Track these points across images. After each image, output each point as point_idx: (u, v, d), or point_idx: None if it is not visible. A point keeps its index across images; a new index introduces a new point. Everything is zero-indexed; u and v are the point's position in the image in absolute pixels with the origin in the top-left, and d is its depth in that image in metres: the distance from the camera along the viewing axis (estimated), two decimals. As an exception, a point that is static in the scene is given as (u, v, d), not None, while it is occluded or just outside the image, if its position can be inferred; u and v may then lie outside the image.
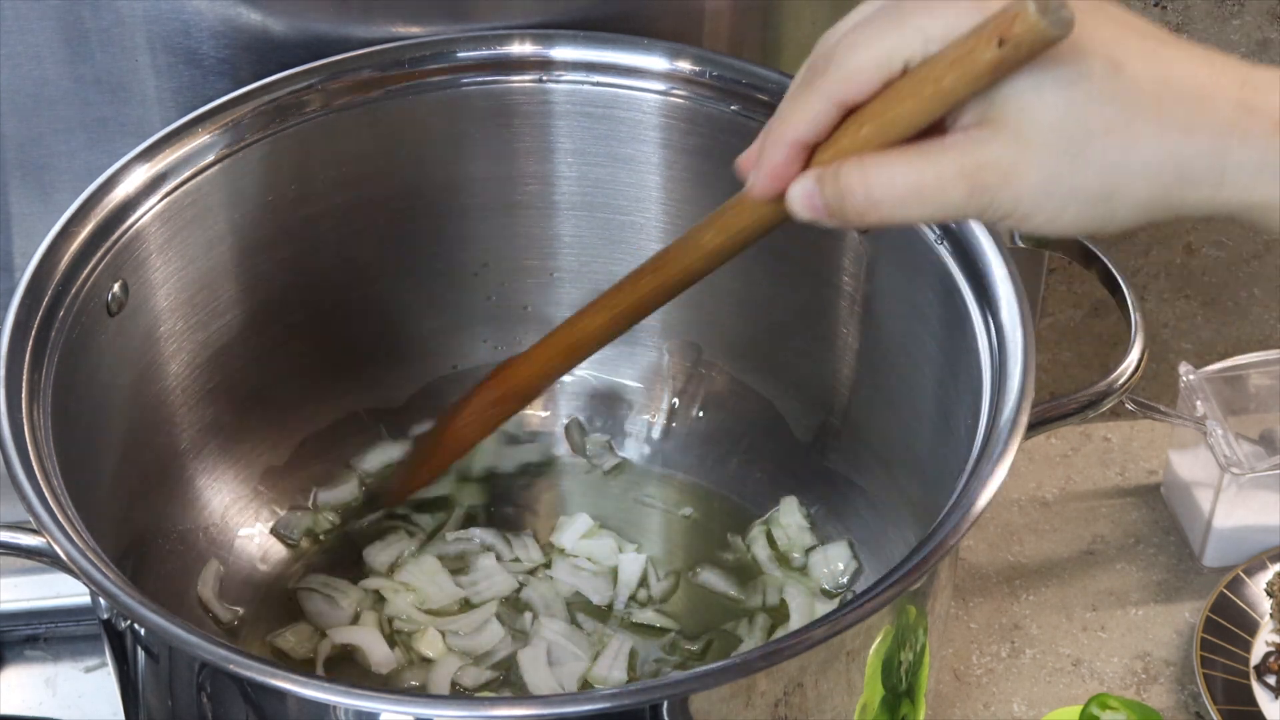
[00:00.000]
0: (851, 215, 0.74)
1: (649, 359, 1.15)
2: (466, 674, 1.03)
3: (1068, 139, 0.70)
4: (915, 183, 0.72)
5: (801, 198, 0.76)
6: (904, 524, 1.04)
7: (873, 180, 0.73)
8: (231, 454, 1.09)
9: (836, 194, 0.74)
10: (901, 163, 0.72)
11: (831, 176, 0.74)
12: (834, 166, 0.74)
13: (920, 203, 0.72)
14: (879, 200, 0.73)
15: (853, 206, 0.74)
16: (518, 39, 1.06)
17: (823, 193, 0.75)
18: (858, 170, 0.73)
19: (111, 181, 0.97)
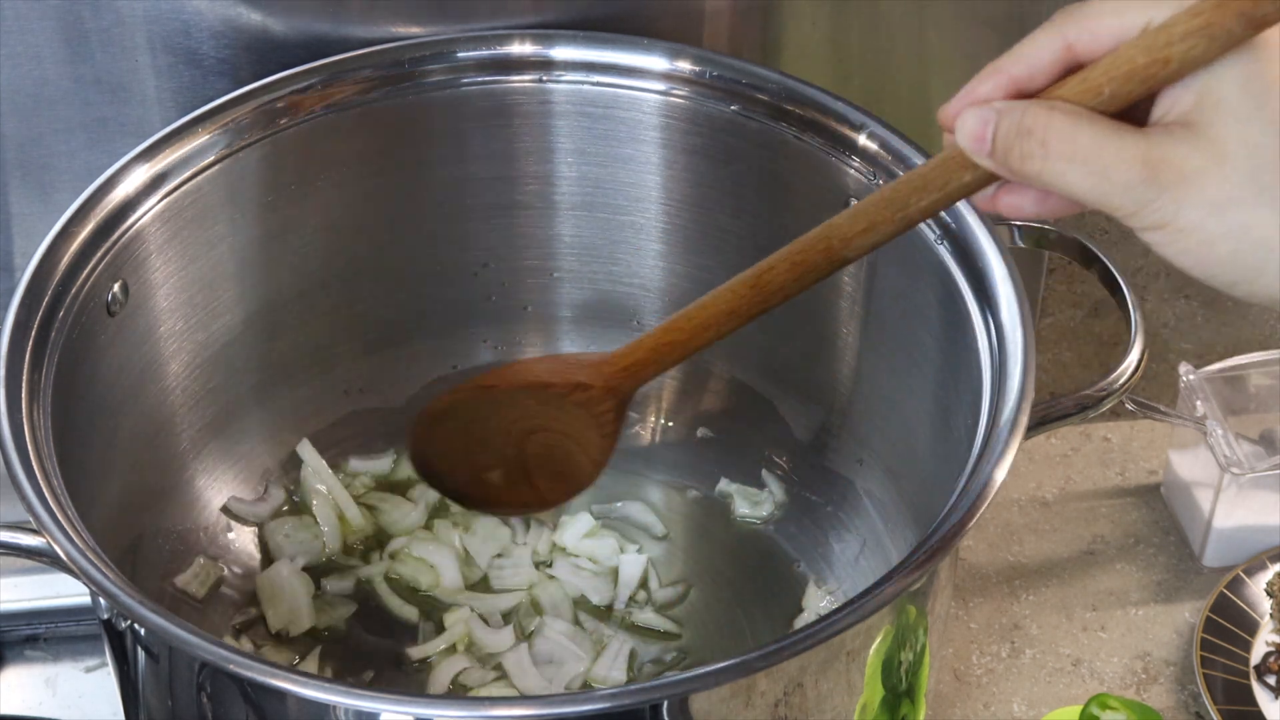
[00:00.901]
0: (1015, 157, 0.70)
1: (649, 359, 1.15)
2: (470, 675, 1.03)
3: (1263, 167, 0.67)
4: (1094, 147, 0.68)
5: (975, 123, 0.72)
6: (904, 524, 1.04)
7: (1056, 126, 0.69)
8: (231, 454, 1.09)
9: (1012, 129, 0.70)
10: (1090, 124, 0.69)
11: (1015, 110, 0.70)
12: (1020, 104, 0.70)
13: (1088, 170, 0.69)
14: (1052, 150, 0.69)
15: (1023, 148, 0.70)
16: (518, 39, 1.06)
17: (999, 123, 0.71)
18: (1044, 113, 0.69)
19: (111, 181, 0.97)
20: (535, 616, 1.06)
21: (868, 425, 1.07)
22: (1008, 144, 0.70)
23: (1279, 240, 0.67)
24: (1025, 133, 0.70)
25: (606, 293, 1.13)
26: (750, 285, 0.84)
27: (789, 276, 0.82)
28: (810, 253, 0.82)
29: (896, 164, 0.98)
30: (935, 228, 0.96)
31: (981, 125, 0.71)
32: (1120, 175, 0.68)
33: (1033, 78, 0.71)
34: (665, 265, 1.11)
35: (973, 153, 0.72)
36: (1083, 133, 0.69)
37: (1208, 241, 0.68)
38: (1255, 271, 0.68)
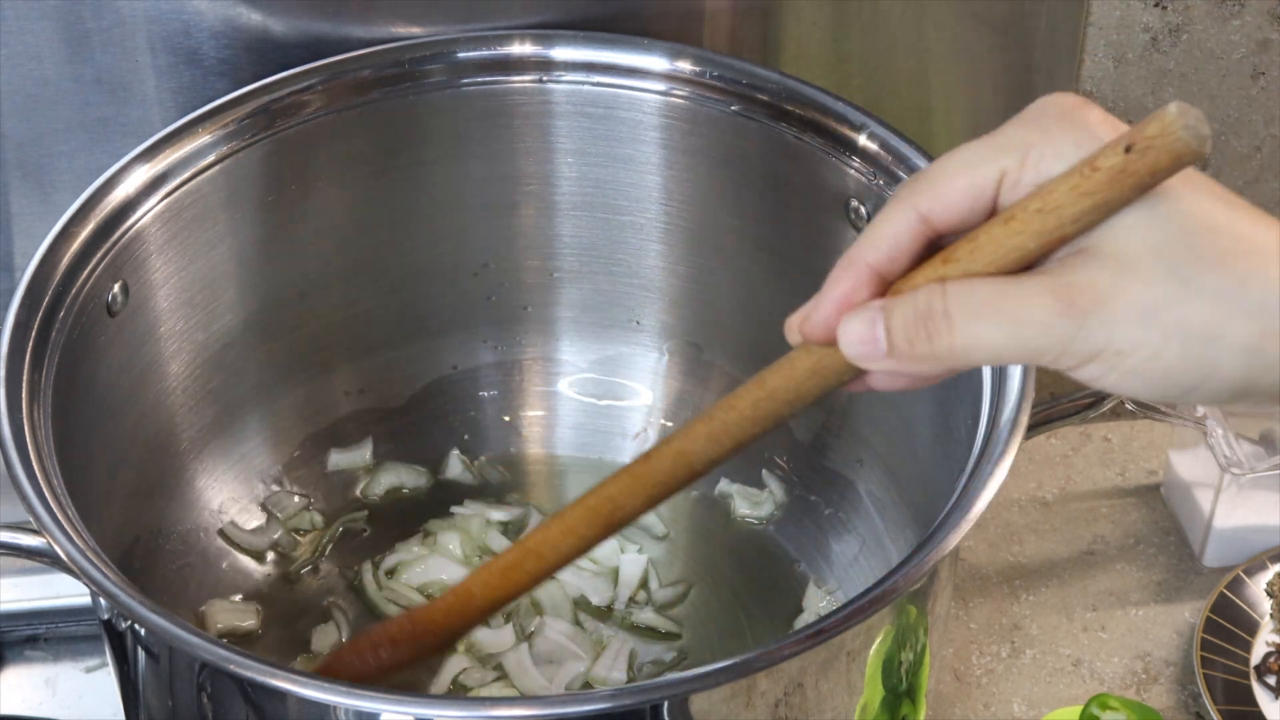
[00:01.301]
0: (923, 343, 0.65)
1: (649, 359, 1.15)
2: (470, 675, 1.03)
3: (1177, 262, 0.63)
4: (1000, 299, 0.64)
5: (862, 328, 0.67)
6: (904, 524, 1.04)
7: (954, 294, 0.64)
8: (231, 454, 1.09)
9: (910, 318, 0.65)
10: (985, 282, 0.64)
11: (904, 301, 0.65)
12: (905, 295, 0.66)
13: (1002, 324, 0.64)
14: (957, 320, 0.64)
15: (928, 329, 0.65)
16: (518, 39, 1.06)
17: (891, 319, 0.66)
18: (938, 288, 0.65)
19: (111, 181, 0.97)
20: (535, 616, 1.06)
21: (868, 425, 1.07)
22: (910, 335, 0.65)
23: (1221, 328, 0.63)
24: (926, 315, 0.65)
25: (606, 293, 1.13)
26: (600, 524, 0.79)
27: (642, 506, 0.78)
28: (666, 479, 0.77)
29: (897, 164, 0.98)
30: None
31: (870, 328, 0.67)
32: (1037, 316, 0.63)
33: (893, 260, 0.67)
34: (665, 265, 1.11)
35: (864, 358, 0.67)
36: (982, 290, 0.64)
37: (1151, 354, 0.64)
38: (1209, 368, 0.64)
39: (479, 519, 1.11)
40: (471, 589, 0.84)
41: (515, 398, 1.16)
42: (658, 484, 0.77)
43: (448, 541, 1.10)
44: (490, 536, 1.10)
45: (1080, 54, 1.17)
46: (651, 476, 0.77)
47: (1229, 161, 1.26)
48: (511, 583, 0.83)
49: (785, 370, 0.72)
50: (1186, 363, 0.63)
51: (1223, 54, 1.20)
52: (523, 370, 1.16)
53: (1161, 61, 1.20)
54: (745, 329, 1.12)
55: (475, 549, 1.10)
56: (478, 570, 0.84)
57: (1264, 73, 1.22)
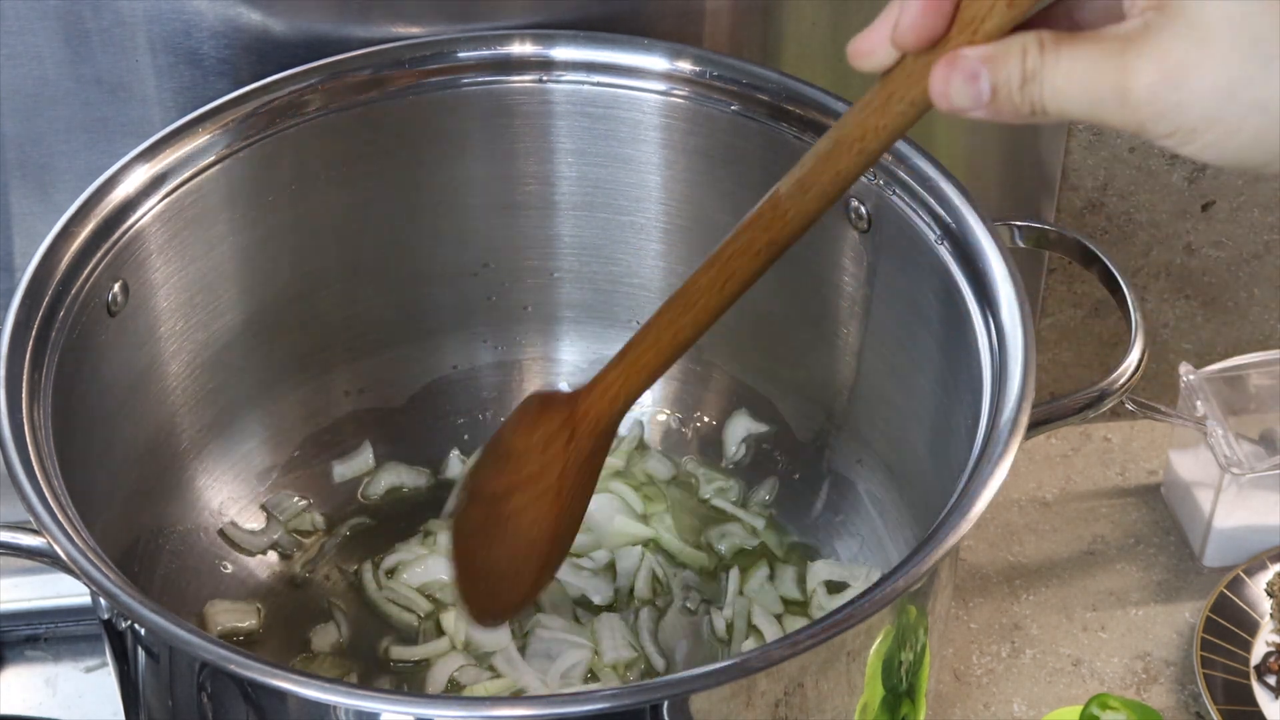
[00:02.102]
0: (1022, 103, 0.67)
1: (649, 359, 1.15)
2: (465, 673, 1.03)
3: (1256, 37, 0.62)
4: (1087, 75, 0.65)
5: (964, 82, 0.67)
6: (904, 524, 1.04)
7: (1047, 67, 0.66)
8: (231, 454, 1.09)
9: (1015, 79, 0.66)
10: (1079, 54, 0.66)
11: (1010, 58, 0.67)
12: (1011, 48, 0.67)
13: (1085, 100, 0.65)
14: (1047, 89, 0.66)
15: (1026, 92, 0.66)
16: (518, 39, 1.06)
17: (996, 76, 0.67)
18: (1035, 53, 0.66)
19: (111, 181, 0.97)
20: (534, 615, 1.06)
21: (868, 425, 1.07)
22: (1011, 95, 0.67)
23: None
24: (1028, 78, 0.67)
25: (606, 293, 1.13)
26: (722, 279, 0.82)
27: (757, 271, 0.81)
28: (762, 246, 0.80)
29: (896, 163, 0.98)
30: (935, 228, 0.96)
31: (974, 84, 0.68)
32: (1112, 93, 0.65)
33: None
34: (665, 265, 1.11)
35: (964, 109, 0.68)
36: (1069, 57, 0.66)
37: (1227, 132, 0.64)
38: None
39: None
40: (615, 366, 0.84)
41: (515, 398, 1.16)
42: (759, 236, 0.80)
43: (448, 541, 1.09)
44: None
45: (1080, 54, 1.17)
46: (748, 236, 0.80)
47: (1229, 161, 1.26)
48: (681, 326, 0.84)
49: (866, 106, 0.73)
50: (1260, 139, 0.64)
51: (1223, 54, 1.20)
52: (523, 370, 1.16)
53: (1161, 61, 1.20)
54: (745, 329, 1.11)
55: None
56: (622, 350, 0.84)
57: (1264, 73, 1.22)
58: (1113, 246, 1.28)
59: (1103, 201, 1.27)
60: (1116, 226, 1.28)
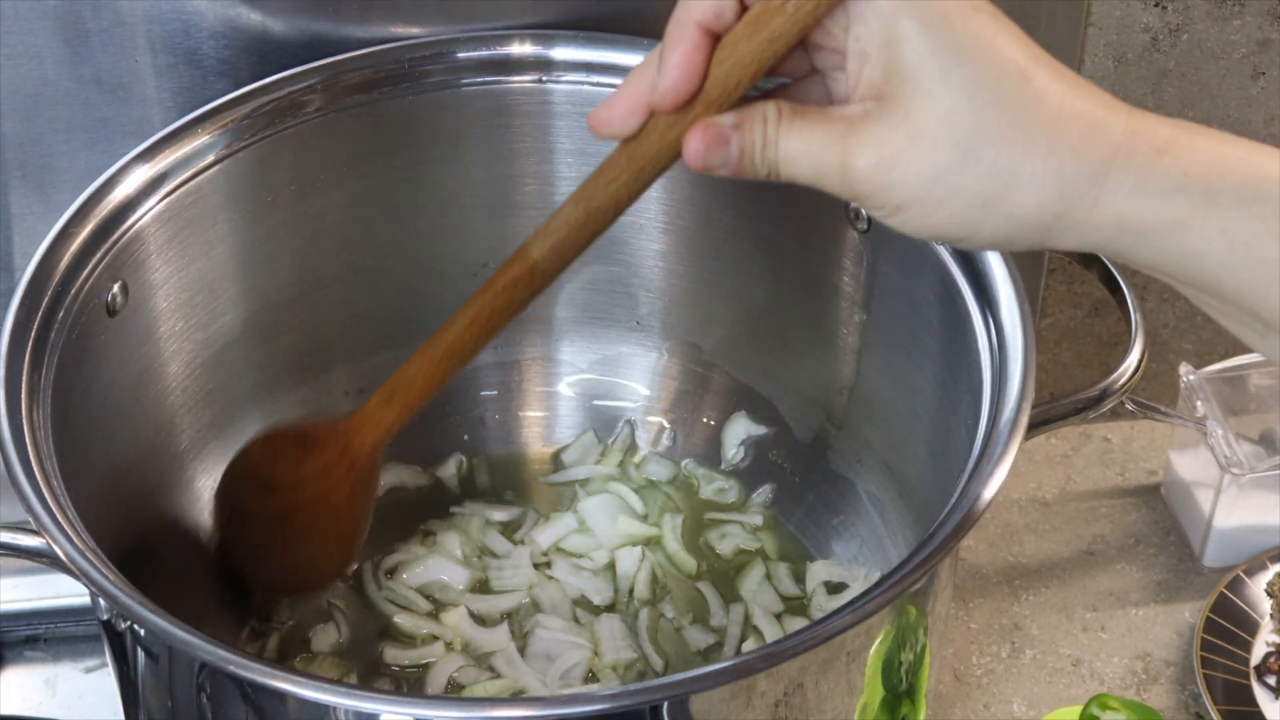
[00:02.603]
0: (758, 167, 0.74)
1: (649, 359, 1.15)
2: (465, 673, 1.03)
3: (963, 134, 0.69)
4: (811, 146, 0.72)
5: (717, 146, 0.74)
6: (904, 524, 1.04)
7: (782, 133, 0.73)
8: (231, 454, 1.09)
9: (754, 143, 0.73)
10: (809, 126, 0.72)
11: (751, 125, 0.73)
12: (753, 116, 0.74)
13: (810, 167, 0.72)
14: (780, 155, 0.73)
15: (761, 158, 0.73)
16: (518, 39, 1.06)
17: (741, 140, 0.74)
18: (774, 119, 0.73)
19: (111, 181, 0.97)
20: (533, 615, 1.06)
21: (868, 425, 1.07)
22: (753, 156, 0.74)
23: (992, 196, 0.69)
24: (768, 143, 0.73)
25: (606, 293, 1.13)
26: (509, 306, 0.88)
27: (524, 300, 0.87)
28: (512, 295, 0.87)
29: (896, 164, 0.98)
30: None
31: (725, 147, 0.74)
32: (835, 164, 0.72)
33: (720, 16, 0.74)
34: (665, 265, 1.11)
35: (714, 169, 0.75)
36: (801, 128, 0.72)
37: (926, 211, 0.71)
38: (974, 228, 0.71)
39: (479, 519, 1.11)
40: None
41: (515, 398, 1.16)
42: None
43: (447, 541, 1.10)
44: (490, 536, 1.10)
45: (1080, 54, 1.18)
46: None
47: (1229, 161, 1.26)
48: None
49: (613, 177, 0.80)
50: (955, 221, 0.71)
51: (1223, 54, 1.21)
52: (523, 370, 1.16)
53: (1161, 61, 1.20)
54: (745, 329, 1.12)
55: (475, 549, 1.10)
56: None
57: (1264, 73, 1.22)
58: (1113, 246, 1.28)
59: (1103, 201, 1.26)
60: (1116, 226, 1.28)
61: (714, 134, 0.74)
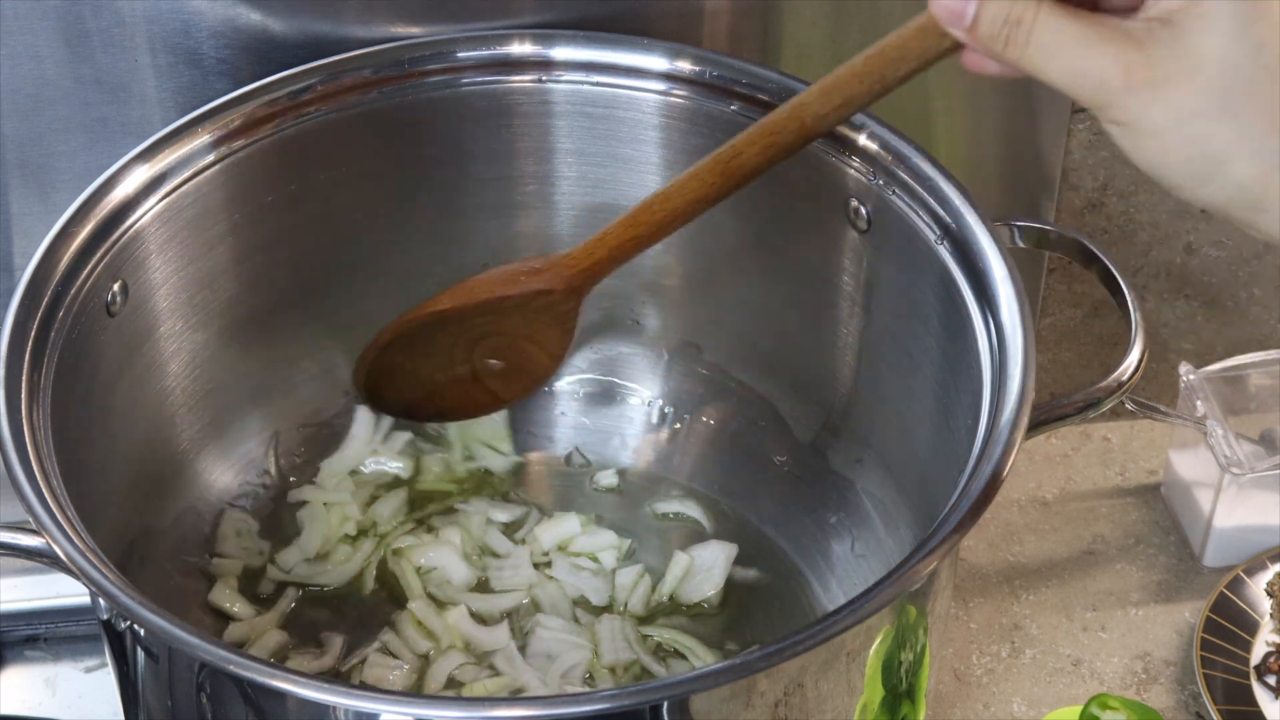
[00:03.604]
0: (999, 42, 0.72)
1: (649, 359, 1.15)
2: (465, 671, 1.03)
3: (1238, 87, 0.68)
4: (1076, 45, 0.70)
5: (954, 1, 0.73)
6: (904, 524, 1.04)
7: (1043, 22, 0.71)
8: (231, 454, 1.09)
9: (999, 17, 0.72)
10: (1073, 22, 0.71)
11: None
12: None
13: (1066, 66, 0.70)
14: (1034, 42, 0.71)
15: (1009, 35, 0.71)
16: (518, 39, 1.06)
17: (985, 6, 0.72)
18: (1031, 7, 0.71)
19: (111, 181, 0.97)
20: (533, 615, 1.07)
21: (868, 425, 1.07)
22: (993, 30, 0.72)
23: (1233, 155, 0.69)
24: (1014, 22, 0.72)
25: (606, 293, 1.13)
26: (719, 172, 0.87)
27: (761, 159, 0.85)
28: (781, 133, 0.84)
29: (896, 164, 0.98)
30: (935, 228, 0.96)
31: (962, 3, 0.73)
32: (1096, 73, 0.70)
33: None
34: (665, 265, 1.11)
35: (946, 22, 0.74)
36: (1067, 30, 0.71)
37: (1166, 146, 0.70)
38: (1202, 180, 0.70)
39: (480, 517, 1.11)
40: (605, 234, 0.92)
41: (515, 397, 1.16)
42: (773, 134, 0.85)
43: (449, 536, 1.10)
44: (491, 535, 1.10)
45: (1080, 54, 1.17)
46: (768, 127, 0.85)
47: (1229, 161, 1.26)
48: (641, 223, 0.91)
49: (898, 30, 0.79)
50: (1189, 168, 0.70)
51: (1223, 54, 1.20)
52: (523, 370, 1.16)
53: (1161, 61, 1.20)
54: (745, 329, 1.12)
55: (475, 547, 1.10)
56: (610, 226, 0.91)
57: (1264, 73, 1.22)
58: (1113, 246, 1.28)
59: (1103, 201, 1.27)
60: (1116, 226, 1.28)
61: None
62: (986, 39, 0.73)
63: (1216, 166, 0.70)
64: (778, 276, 1.08)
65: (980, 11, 0.72)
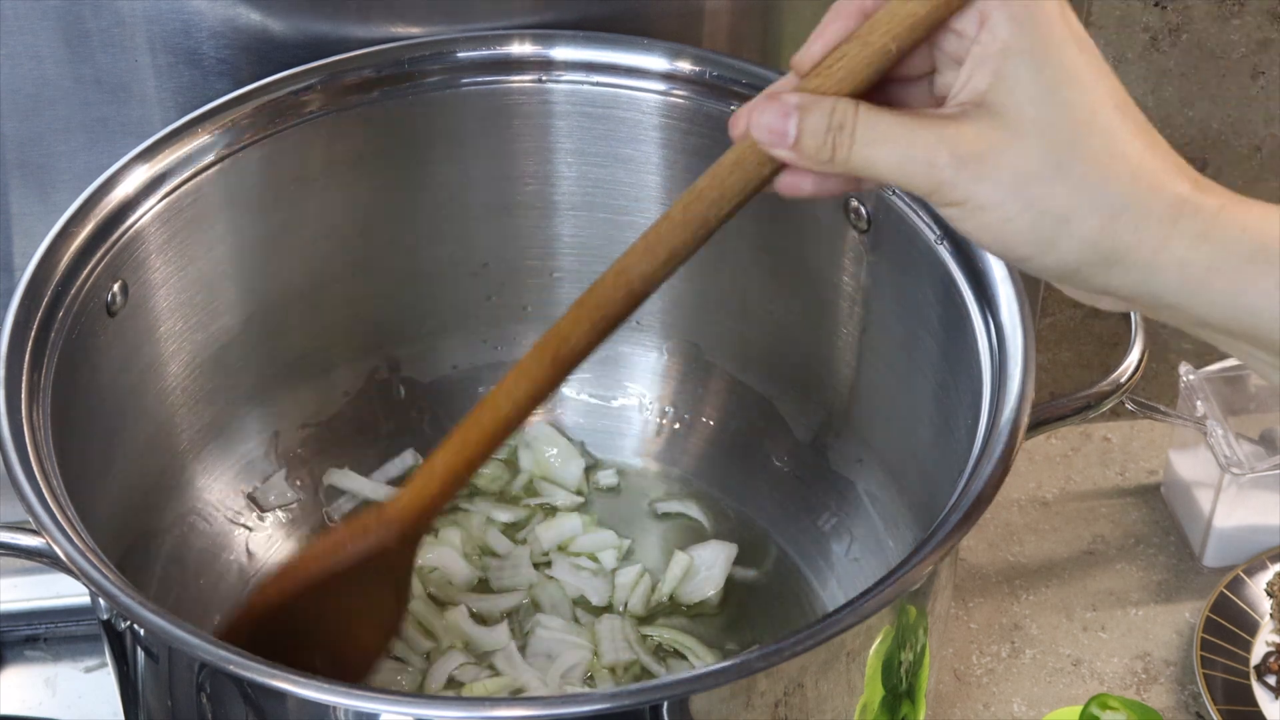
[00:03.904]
0: (826, 149, 0.72)
1: (649, 359, 1.15)
2: (465, 671, 1.03)
3: (1058, 143, 0.70)
4: (899, 131, 0.71)
5: (774, 119, 0.73)
6: (904, 524, 1.04)
7: (864, 118, 0.72)
8: (231, 454, 1.09)
9: (822, 125, 0.72)
10: (893, 114, 0.72)
11: (822, 105, 0.72)
12: (825, 100, 0.72)
13: (893, 153, 0.71)
14: (859, 139, 0.72)
15: (835, 140, 0.72)
16: (518, 39, 1.06)
17: (805, 120, 0.72)
18: (852, 106, 0.72)
19: (111, 181, 0.97)
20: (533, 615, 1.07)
21: (868, 425, 1.07)
22: (817, 140, 0.72)
23: (1074, 211, 0.69)
24: (837, 127, 0.72)
25: (606, 293, 1.13)
26: (549, 363, 0.81)
27: (592, 337, 0.80)
28: (609, 304, 0.79)
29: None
30: (935, 228, 0.96)
31: (783, 120, 0.73)
32: (922, 156, 0.70)
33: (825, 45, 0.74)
34: (665, 265, 1.11)
35: (770, 146, 0.73)
36: (887, 123, 0.71)
37: (1005, 217, 0.70)
38: (1048, 245, 0.70)
39: (480, 517, 1.11)
40: (434, 464, 0.84)
41: (515, 398, 1.16)
42: (600, 309, 0.79)
43: (449, 536, 1.10)
44: (490, 535, 1.10)
45: (1080, 54, 1.17)
46: (594, 302, 0.79)
47: (1229, 161, 1.26)
48: (472, 443, 0.83)
49: (711, 170, 0.76)
50: (1034, 234, 0.70)
51: (1222, 54, 1.21)
52: (523, 370, 1.16)
53: (1161, 61, 1.20)
54: (745, 329, 1.12)
55: (475, 547, 1.10)
56: (437, 448, 0.84)
57: (1264, 73, 1.22)
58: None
59: (1103, 201, 1.26)
60: (1116, 226, 1.28)
61: (777, 106, 0.73)
62: (813, 151, 0.72)
63: (1060, 226, 0.70)
64: (778, 276, 1.08)
65: (802, 125, 0.72)
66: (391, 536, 0.86)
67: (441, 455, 0.84)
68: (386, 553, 0.86)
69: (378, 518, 0.86)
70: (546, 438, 1.14)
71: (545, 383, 0.81)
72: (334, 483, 1.12)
